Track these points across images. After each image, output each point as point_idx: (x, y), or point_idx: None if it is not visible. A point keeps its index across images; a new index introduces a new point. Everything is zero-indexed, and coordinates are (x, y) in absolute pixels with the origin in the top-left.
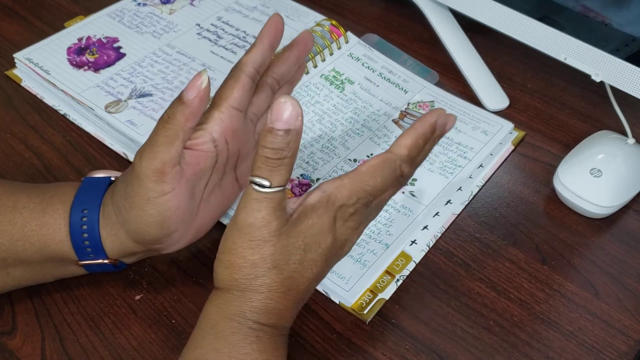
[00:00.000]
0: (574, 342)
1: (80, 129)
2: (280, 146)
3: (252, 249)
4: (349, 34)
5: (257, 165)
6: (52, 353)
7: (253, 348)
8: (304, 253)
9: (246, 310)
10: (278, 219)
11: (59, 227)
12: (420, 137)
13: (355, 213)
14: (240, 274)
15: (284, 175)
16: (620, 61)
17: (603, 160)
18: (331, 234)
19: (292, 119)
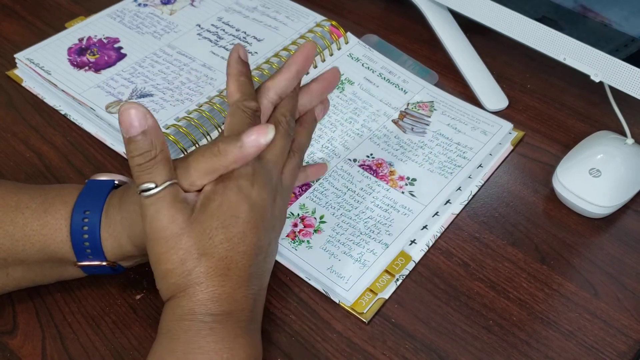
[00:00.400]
0: (574, 342)
1: (81, 129)
2: (146, 148)
3: (173, 249)
4: (349, 35)
5: (136, 175)
6: (53, 353)
7: (207, 340)
8: (226, 230)
9: (194, 306)
10: (181, 210)
11: (60, 228)
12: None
13: (254, 172)
14: (175, 277)
15: (163, 172)
16: (619, 62)
17: (602, 160)
18: (245, 202)
19: (142, 120)
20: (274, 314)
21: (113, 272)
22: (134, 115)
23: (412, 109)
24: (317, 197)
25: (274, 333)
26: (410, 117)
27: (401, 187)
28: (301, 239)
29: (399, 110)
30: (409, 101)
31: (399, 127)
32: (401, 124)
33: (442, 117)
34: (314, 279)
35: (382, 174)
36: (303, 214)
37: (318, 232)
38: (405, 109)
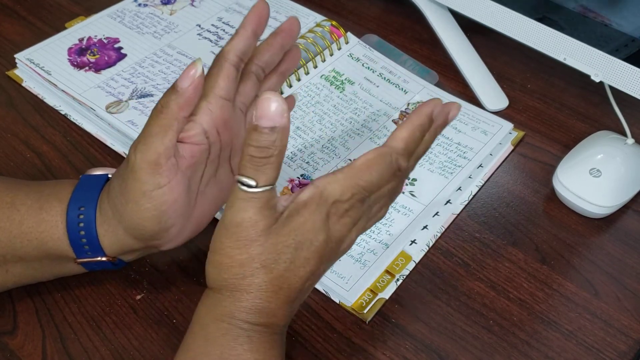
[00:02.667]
0: (574, 342)
1: (81, 129)
2: (266, 144)
3: (240, 249)
4: (349, 35)
5: (243, 164)
6: (53, 353)
7: (244, 348)
8: (295, 251)
9: (235, 310)
10: (266, 218)
11: (56, 225)
12: (416, 128)
13: (350, 209)
14: (228, 274)
15: (271, 174)
16: (619, 61)
17: (602, 160)
18: (324, 231)
19: (277, 116)
20: None
21: (114, 267)
22: (272, 107)
23: (413, 109)
24: None
25: None
26: None
27: None
28: None
29: (399, 110)
30: (409, 101)
31: None
32: (401, 123)
33: None
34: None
35: None
36: None
37: None
38: (405, 109)
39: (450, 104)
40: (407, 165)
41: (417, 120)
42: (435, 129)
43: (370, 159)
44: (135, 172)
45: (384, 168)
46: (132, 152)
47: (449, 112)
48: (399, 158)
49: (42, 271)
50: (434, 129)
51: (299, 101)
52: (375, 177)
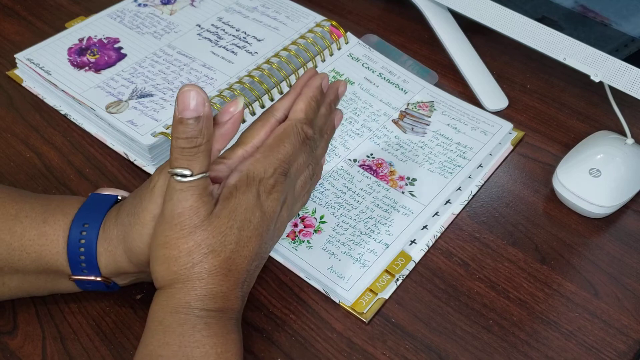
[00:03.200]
0: (574, 342)
1: (81, 129)
2: (194, 134)
3: (185, 238)
4: (349, 35)
5: (175, 157)
6: (53, 353)
7: (202, 335)
8: (239, 232)
9: (190, 299)
10: (206, 204)
11: (57, 239)
12: (311, 99)
13: (276, 184)
14: (177, 266)
15: (203, 162)
16: (619, 62)
17: (602, 160)
18: (258, 209)
19: (200, 106)
20: (273, 314)
21: (107, 289)
22: (192, 98)
23: (412, 109)
24: (317, 197)
25: (274, 333)
26: (410, 117)
27: (401, 187)
28: (301, 239)
29: (399, 110)
30: (409, 101)
31: (399, 127)
32: (401, 124)
33: (442, 117)
34: (314, 279)
35: (382, 174)
36: (303, 214)
37: (318, 232)
38: (405, 109)
39: (338, 82)
40: (312, 132)
41: (309, 93)
42: (329, 103)
43: (279, 133)
44: (153, 193)
45: (292, 137)
46: (157, 173)
47: (338, 88)
48: (303, 126)
49: (37, 285)
50: (328, 104)
51: None
52: (289, 148)
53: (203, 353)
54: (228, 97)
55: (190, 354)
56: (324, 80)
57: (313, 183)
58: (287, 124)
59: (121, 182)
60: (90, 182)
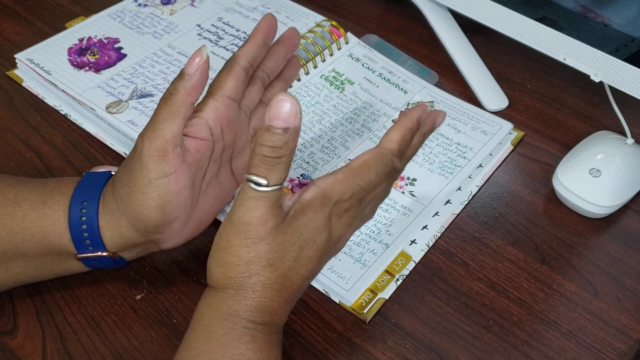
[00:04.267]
0: (574, 342)
1: (81, 129)
2: (279, 144)
3: (248, 247)
4: (349, 35)
5: (254, 163)
6: (53, 353)
7: (248, 348)
8: (300, 250)
9: (240, 309)
10: (275, 217)
11: (58, 219)
12: (407, 131)
13: (349, 209)
14: (234, 272)
15: (281, 174)
16: (619, 61)
17: (602, 160)
18: (326, 231)
19: (291, 117)
20: None
21: (115, 264)
22: (286, 109)
23: None
24: None
25: None
26: None
27: (401, 187)
28: None
29: (399, 110)
30: (409, 101)
31: None
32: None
33: None
34: (314, 279)
35: None
36: None
37: None
38: (405, 109)
39: (437, 112)
40: (400, 165)
41: (408, 124)
42: (423, 134)
43: (368, 159)
44: (142, 159)
45: (381, 168)
46: (140, 140)
47: (436, 119)
48: (394, 158)
49: (42, 269)
50: (422, 134)
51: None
52: (374, 177)
53: None
54: None
55: None
56: (423, 112)
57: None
58: (378, 151)
59: None
60: None
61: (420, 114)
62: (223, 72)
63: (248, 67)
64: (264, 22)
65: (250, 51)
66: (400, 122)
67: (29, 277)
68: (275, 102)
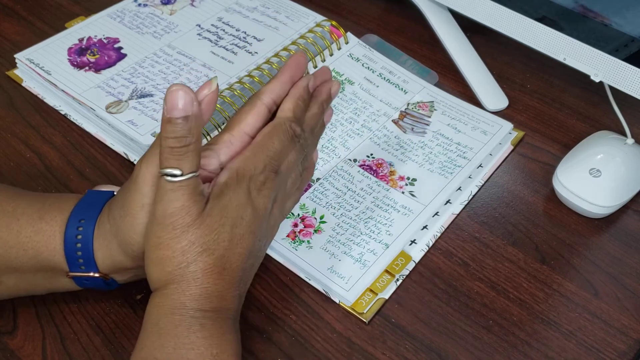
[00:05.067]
0: (574, 342)
1: (81, 129)
2: (182, 134)
3: (178, 237)
4: (349, 35)
5: (165, 157)
6: (53, 353)
7: (197, 336)
8: (231, 229)
9: (185, 300)
10: (197, 203)
11: (54, 235)
12: (298, 98)
13: (266, 181)
14: (171, 266)
15: (193, 161)
16: (619, 62)
17: (602, 160)
18: (250, 205)
19: (188, 105)
20: (274, 314)
21: (106, 286)
22: (180, 97)
23: (412, 109)
24: (317, 197)
25: (274, 333)
26: (410, 117)
27: (401, 187)
28: (301, 239)
29: (399, 110)
30: (409, 101)
31: (399, 127)
32: (401, 124)
33: (442, 117)
34: (314, 279)
35: (383, 174)
36: (303, 214)
37: (318, 232)
38: (405, 109)
39: (331, 82)
40: (300, 131)
41: (296, 93)
42: (321, 103)
43: (268, 131)
44: (137, 183)
45: (281, 135)
46: (139, 164)
47: (330, 88)
48: (291, 124)
49: (35, 284)
50: (320, 103)
51: None
52: (278, 145)
53: (198, 355)
54: (228, 97)
55: (185, 355)
56: (310, 81)
57: (304, 180)
58: (275, 122)
59: (121, 182)
60: (90, 182)
61: (307, 83)
62: (245, 107)
63: (271, 105)
64: (293, 61)
65: (275, 88)
66: (290, 93)
67: (22, 291)
68: (169, 93)
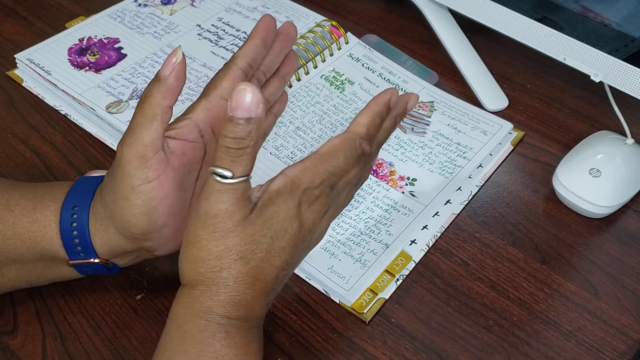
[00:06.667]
0: (574, 342)
1: (81, 129)
2: (242, 135)
3: (216, 241)
4: (349, 35)
5: (219, 156)
6: (53, 353)
7: (222, 345)
8: (271, 241)
9: (213, 305)
10: (242, 209)
11: (49, 224)
12: (376, 115)
13: (320, 196)
14: (205, 267)
15: (247, 165)
16: (619, 61)
17: (602, 160)
18: (297, 219)
19: (253, 107)
20: (274, 314)
21: (108, 271)
22: (247, 98)
23: (412, 109)
24: None
25: (274, 333)
26: (410, 117)
27: (401, 187)
28: None
29: None
30: None
31: (399, 127)
32: (401, 124)
33: (442, 117)
34: (314, 279)
35: (383, 174)
36: None
37: None
38: None
39: (409, 95)
40: (370, 149)
41: (375, 107)
42: (395, 117)
43: (336, 144)
44: (122, 166)
45: (349, 152)
46: (119, 147)
47: (408, 101)
48: (362, 142)
49: (36, 274)
50: (394, 117)
51: (298, 101)
52: (342, 162)
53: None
54: None
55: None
56: (393, 95)
57: (358, 186)
58: (346, 136)
59: None
60: None
61: (389, 97)
62: (220, 72)
63: (247, 68)
64: (261, 23)
65: (248, 52)
66: (368, 106)
67: (24, 282)
68: (237, 92)
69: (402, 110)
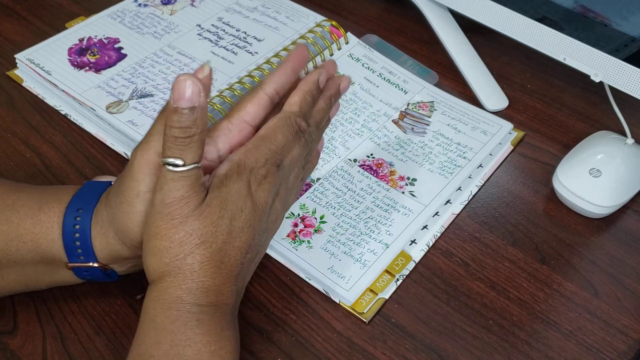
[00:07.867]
0: (574, 342)
1: (81, 129)
2: (188, 124)
3: (175, 227)
4: (349, 35)
5: (168, 146)
6: (53, 352)
7: (195, 332)
8: (230, 222)
9: (182, 294)
10: (198, 194)
11: (52, 225)
12: (306, 93)
13: (267, 175)
14: (169, 257)
15: (196, 152)
16: (619, 62)
17: (602, 160)
18: (250, 198)
19: (195, 96)
20: (274, 314)
21: (106, 277)
22: (188, 88)
23: (413, 109)
24: (317, 197)
25: (274, 333)
26: (410, 117)
27: (401, 187)
28: (301, 239)
29: (399, 110)
30: (409, 101)
31: (399, 127)
32: (401, 124)
33: (442, 117)
34: (314, 279)
35: (383, 174)
36: (303, 214)
37: (318, 232)
38: (405, 109)
39: (341, 77)
40: (307, 126)
41: (305, 87)
42: (329, 98)
43: (273, 124)
44: (133, 170)
45: (286, 129)
46: (134, 151)
47: (339, 83)
48: (297, 119)
49: (35, 278)
50: (327, 97)
51: None
52: (281, 140)
53: (195, 351)
54: (228, 97)
55: (182, 352)
56: (321, 75)
57: (307, 171)
58: (280, 115)
59: None
60: None
61: (317, 77)
62: (246, 96)
63: (273, 95)
64: (296, 52)
65: (278, 79)
66: (299, 87)
67: (23, 286)
68: (177, 83)
69: (335, 91)
